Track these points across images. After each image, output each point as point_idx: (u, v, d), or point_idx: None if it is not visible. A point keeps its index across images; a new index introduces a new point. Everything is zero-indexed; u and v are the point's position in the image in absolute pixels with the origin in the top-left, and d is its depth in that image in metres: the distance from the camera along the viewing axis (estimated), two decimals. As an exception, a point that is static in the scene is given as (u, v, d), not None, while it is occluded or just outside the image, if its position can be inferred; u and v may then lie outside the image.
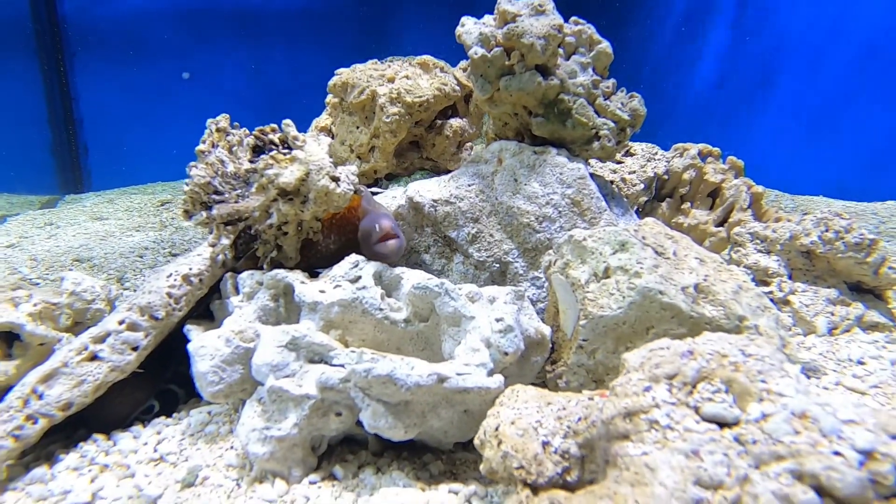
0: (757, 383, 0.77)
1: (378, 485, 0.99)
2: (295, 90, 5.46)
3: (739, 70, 4.10)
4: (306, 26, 5.47)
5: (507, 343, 1.05)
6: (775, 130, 3.91)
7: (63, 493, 0.99)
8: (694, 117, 4.45)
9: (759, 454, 0.70)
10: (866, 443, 0.67)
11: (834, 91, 3.58)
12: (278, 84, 5.44)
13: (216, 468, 1.04)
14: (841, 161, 3.61)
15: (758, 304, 1.16)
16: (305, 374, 1.02)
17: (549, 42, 1.32)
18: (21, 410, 1.05)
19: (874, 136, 3.38)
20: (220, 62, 5.23)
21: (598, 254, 1.17)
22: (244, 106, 5.35)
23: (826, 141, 3.67)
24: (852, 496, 0.63)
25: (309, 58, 5.48)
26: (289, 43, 5.43)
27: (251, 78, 5.34)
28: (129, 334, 1.17)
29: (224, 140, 1.44)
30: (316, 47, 5.50)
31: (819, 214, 1.50)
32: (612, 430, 0.79)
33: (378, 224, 1.22)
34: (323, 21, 5.52)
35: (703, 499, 0.68)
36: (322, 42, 5.51)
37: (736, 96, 4.10)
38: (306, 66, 5.49)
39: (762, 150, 3.98)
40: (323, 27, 5.52)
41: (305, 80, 5.46)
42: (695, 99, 4.46)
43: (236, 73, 5.31)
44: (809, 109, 3.74)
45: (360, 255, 1.20)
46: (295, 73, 5.44)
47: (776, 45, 3.84)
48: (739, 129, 4.07)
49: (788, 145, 3.86)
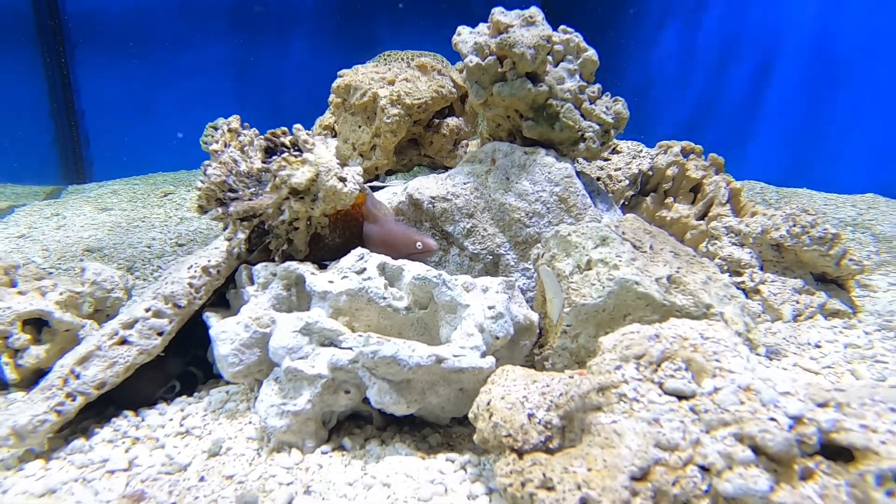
0: (712, 362, 0.90)
1: (383, 454, 1.11)
2: (293, 82, 5.55)
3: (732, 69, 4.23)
4: (305, 18, 5.53)
5: (498, 328, 1.17)
6: (766, 127, 4.04)
7: (102, 462, 1.11)
8: (689, 115, 4.58)
9: (710, 421, 0.82)
10: (797, 410, 0.79)
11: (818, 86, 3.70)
12: (276, 76, 5.52)
13: (238, 440, 1.16)
14: (825, 155, 3.74)
15: (725, 294, 1.28)
16: (317, 356, 1.14)
17: (538, 52, 1.43)
18: (62, 388, 1.17)
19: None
20: (220, 54, 5.30)
21: (582, 247, 1.29)
22: (242, 97, 5.43)
23: (810, 135, 3.79)
24: (781, 453, 0.75)
25: (307, 49, 5.56)
26: (287, 35, 5.50)
27: (249, 70, 5.41)
28: (154, 321, 1.29)
29: (236, 140, 1.55)
30: (314, 39, 5.57)
31: (788, 210, 1.62)
32: (588, 402, 0.91)
33: (423, 242, 1.36)
34: (322, 13, 5.58)
35: (661, 458, 0.81)
36: (320, 33, 5.59)
37: (731, 94, 4.24)
38: (304, 58, 5.58)
39: (754, 145, 4.11)
40: (322, 19, 5.59)
41: (303, 72, 5.55)
42: (692, 97, 4.59)
43: (235, 64, 5.38)
44: (797, 105, 3.85)
45: (364, 249, 1.32)
46: (293, 64, 5.52)
47: (770, 44, 3.96)
48: (734, 125, 4.21)
49: (777, 141, 3.98)
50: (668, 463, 0.80)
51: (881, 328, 1.49)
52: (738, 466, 0.76)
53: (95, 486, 1.03)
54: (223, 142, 1.56)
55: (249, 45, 5.41)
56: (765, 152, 4.04)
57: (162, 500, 0.98)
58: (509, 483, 0.84)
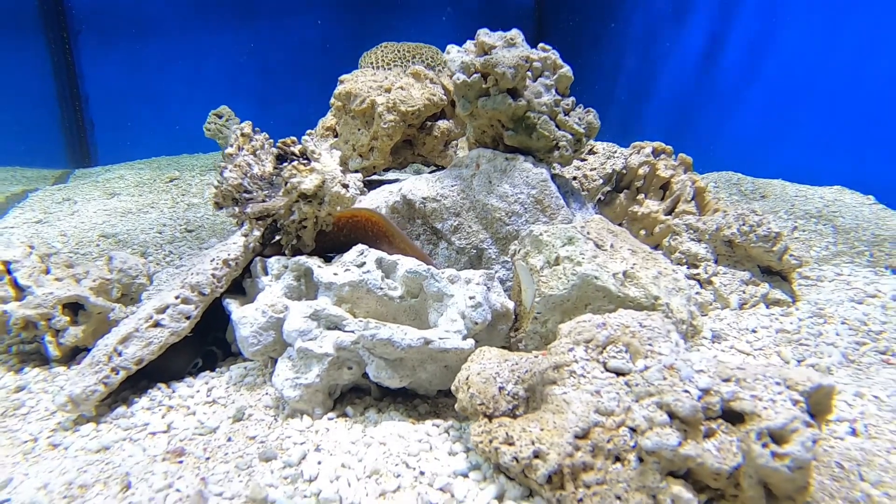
0: (646, 346, 1.11)
1: (379, 420, 1.32)
2: (297, 68, 5.70)
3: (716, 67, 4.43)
4: (310, 4, 5.65)
5: (477, 315, 1.38)
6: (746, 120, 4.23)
7: (144, 425, 1.33)
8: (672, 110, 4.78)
9: (639, 393, 1.04)
10: (705, 384, 1.00)
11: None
12: (280, 62, 5.65)
13: (257, 408, 1.38)
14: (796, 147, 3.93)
15: (673, 287, 1.49)
16: (324, 338, 1.35)
17: (517, 71, 1.62)
18: (107, 364, 1.38)
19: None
20: (221, 40, 5.42)
21: (551, 246, 1.50)
22: (243, 84, 5.57)
23: (786, 128, 3.99)
24: (689, 416, 0.97)
25: (311, 35, 5.69)
26: (292, 20, 5.62)
27: (250, 56, 5.54)
28: (183, 307, 1.50)
29: (248, 144, 1.74)
30: (319, 24, 5.70)
31: (738, 211, 1.83)
32: (546, 377, 1.12)
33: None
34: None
35: (599, 421, 1.02)
36: (326, 19, 5.71)
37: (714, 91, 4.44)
38: (308, 44, 5.71)
39: (732, 137, 4.31)
40: (327, 4, 5.71)
41: (307, 58, 5.69)
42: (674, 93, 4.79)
43: (236, 51, 5.51)
44: (775, 101, 4.04)
45: (364, 245, 1.52)
46: (297, 51, 5.65)
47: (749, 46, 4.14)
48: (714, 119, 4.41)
49: (755, 133, 4.17)
50: (605, 425, 1.02)
51: (813, 315, 1.71)
52: (657, 427, 0.98)
53: (142, 444, 1.24)
54: (237, 145, 1.75)
55: (252, 30, 5.53)
56: (742, 144, 4.24)
57: (198, 456, 1.20)
58: (480, 440, 1.06)
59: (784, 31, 3.87)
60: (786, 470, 0.90)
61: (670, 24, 4.75)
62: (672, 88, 4.77)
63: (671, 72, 4.76)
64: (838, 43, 3.53)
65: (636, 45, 5.17)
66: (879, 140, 3.37)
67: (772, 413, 0.94)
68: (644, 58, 5.07)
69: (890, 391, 1.33)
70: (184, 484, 1.09)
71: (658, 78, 4.91)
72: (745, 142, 4.21)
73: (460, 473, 1.09)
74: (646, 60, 5.04)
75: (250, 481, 1.09)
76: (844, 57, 3.49)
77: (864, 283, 2.04)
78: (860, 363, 1.51)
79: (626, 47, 5.28)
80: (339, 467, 1.12)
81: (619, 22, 5.36)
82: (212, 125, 4.53)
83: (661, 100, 4.90)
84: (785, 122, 3.98)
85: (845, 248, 2.65)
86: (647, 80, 5.03)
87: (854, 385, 1.38)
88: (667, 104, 4.83)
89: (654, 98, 4.98)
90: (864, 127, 3.48)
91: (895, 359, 1.52)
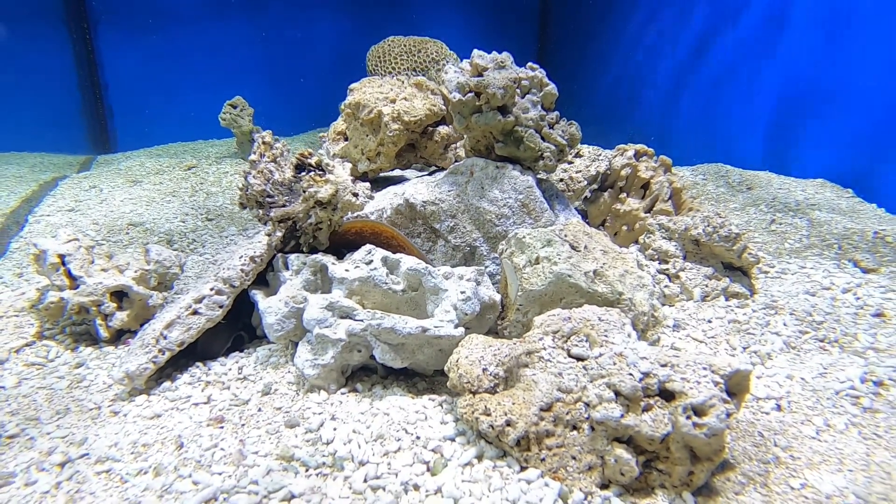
0: (602, 336, 1.35)
1: (384, 395, 1.58)
2: (313, 58, 5.89)
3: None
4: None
5: (467, 307, 1.62)
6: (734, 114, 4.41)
7: (187, 398, 1.59)
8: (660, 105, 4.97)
9: (593, 375, 1.28)
10: (647, 368, 1.25)
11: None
12: (296, 52, 5.85)
13: (282, 384, 1.63)
14: (785, 140, 4.12)
15: (637, 283, 1.73)
16: (338, 326, 1.60)
17: (507, 91, 1.84)
18: (155, 346, 1.64)
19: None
20: (234, 30, 5.62)
21: (533, 247, 1.74)
22: (258, 73, 5.78)
23: (775, 121, 4.17)
24: (630, 394, 1.21)
25: (327, 26, 5.87)
26: (308, 11, 5.80)
27: (265, 46, 5.73)
28: (216, 297, 1.75)
29: (269, 152, 1.97)
30: (335, 15, 5.88)
31: (705, 213, 2.05)
32: (520, 361, 1.37)
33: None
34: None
35: (560, 398, 1.27)
36: (342, 9, 5.89)
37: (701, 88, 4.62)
38: (325, 35, 5.89)
39: (720, 131, 4.49)
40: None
41: (323, 48, 5.88)
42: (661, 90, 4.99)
43: (249, 41, 5.70)
44: (765, 93, 4.21)
45: (371, 245, 1.76)
46: (314, 41, 5.85)
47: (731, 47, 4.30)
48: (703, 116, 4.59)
49: (745, 127, 4.36)
50: (565, 400, 1.27)
51: (766, 307, 1.94)
52: (605, 402, 1.23)
53: (188, 413, 1.51)
54: (259, 152, 1.99)
55: (264, 21, 5.72)
56: (731, 137, 4.43)
57: (235, 422, 1.46)
58: (464, 412, 1.31)
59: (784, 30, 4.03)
60: (703, 437, 1.15)
61: (672, 15, 4.90)
62: (670, 78, 4.94)
63: (670, 63, 4.93)
64: (837, 42, 3.69)
65: (638, 35, 5.32)
66: (860, 134, 3.54)
67: (696, 392, 1.19)
68: (646, 49, 5.23)
69: (815, 374, 1.57)
70: (226, 444, 1.35)
71: (657, 71, 5.08)
72: (735, 133, 4.40)
73: (449, 438, 1.35)
74: (648, 52, 5.20)
75: (279, 443, 1.35)
76: (845, 56, 3.64)
77: (822, 276, 2.26)
78: (800, 349, 1.74)
79: (628, 38, 5.43)
80: (350, 432, 1.37)
81: (622, 12, 5.51)
82: (227, 115, 4.76)
83: (659, 91, 5.08)
84: (774, 115, 4.16)
85: (817, 240, 2.85)
86: (647, 72, 5.20)
87: (788, 369, 1.62)
88: (665, 94, 5.01)
89: (651, 90, 5.16)
90: (844, 121, 3.66)
91: (831, 346, 1.75)
